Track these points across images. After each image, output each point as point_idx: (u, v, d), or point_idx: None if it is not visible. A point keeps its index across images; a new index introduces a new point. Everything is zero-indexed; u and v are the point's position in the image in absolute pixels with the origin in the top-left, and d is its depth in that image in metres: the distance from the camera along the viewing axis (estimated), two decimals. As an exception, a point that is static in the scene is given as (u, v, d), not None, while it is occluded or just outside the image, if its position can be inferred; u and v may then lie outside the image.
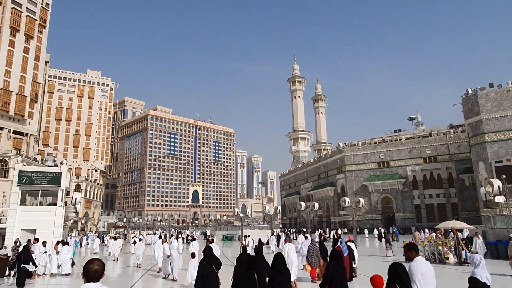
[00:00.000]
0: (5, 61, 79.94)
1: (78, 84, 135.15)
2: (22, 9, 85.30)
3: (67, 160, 40.13)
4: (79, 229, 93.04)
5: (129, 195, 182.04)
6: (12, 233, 23.06)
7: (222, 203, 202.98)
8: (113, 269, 22.90)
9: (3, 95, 78.47)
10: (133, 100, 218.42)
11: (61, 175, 25.25)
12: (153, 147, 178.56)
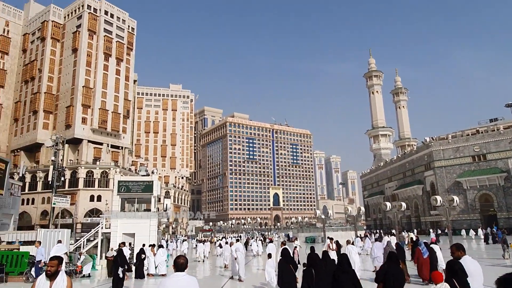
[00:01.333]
0: (102, 84, 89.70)
1: (162, 99, 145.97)
2: (113, 35, 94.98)
3: (157, 169, 43.71)
4: (170, 233, 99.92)
5: (214, 200, 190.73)
6: (115, 237, 25.66)
7: (302, 205, 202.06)
8: (203, 270, 24.13)
9: (102, 114, 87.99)
10: (212, 109, 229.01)
11: (153, 183, 27.43)
12: (233, 152, 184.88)
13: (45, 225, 66.08)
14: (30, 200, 78.44)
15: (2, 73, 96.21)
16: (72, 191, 74.84)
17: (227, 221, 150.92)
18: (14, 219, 50.31)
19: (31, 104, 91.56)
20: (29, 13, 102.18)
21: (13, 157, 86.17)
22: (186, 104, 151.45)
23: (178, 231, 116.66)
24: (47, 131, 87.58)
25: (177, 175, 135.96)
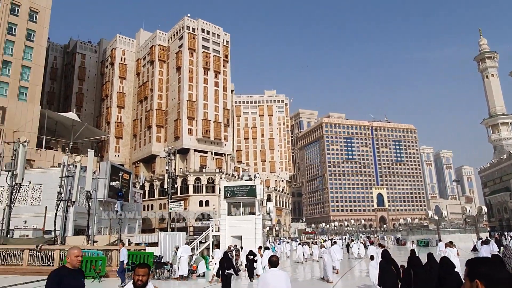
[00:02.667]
0: (203, 96, 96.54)
1: (258, 105, 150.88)
2: (210, 51, 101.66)
3: (258, 173, 45.40)
4: (274, 235, 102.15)
5: (314, 202, 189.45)
6: (224, 239, 27.19)
7: (410, 206, 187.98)
8: (303, 272, 24.02)
9: (205, 125, 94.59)
10: (307, 111, 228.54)
11: (256, 187, 28.41)
12: (331, 153, 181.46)
13: (163, 228, 73.36)
14: (150, 206, 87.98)
15: (122, 96, 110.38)
16: (183, 197, 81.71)
17: (329, 223, 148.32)
18: (138, 223, 57.02)
19: (146, 120, 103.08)
20: (140, 41, 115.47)
21: (134, 168, 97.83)
22: (281, 108, 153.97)
23: (281, 234, 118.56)
24: (159, 144, 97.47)
25: (277, 179, 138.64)
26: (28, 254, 19.97)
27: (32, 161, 55.56)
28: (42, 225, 30.79)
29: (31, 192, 39.60)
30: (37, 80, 72.60)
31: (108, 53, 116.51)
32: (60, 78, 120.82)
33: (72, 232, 35.87)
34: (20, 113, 67.32)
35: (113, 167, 44.76)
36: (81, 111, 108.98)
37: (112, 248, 20.79)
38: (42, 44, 75.14)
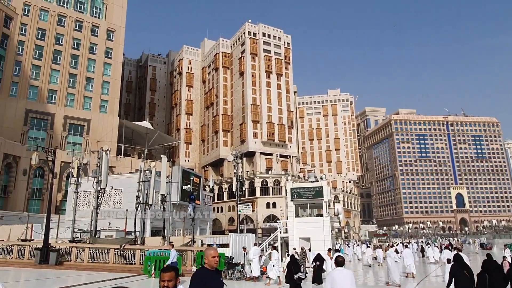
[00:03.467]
0: (266, 100, 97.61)
1: (322, 105, 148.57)
2: (271, 54, 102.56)
3: (324, 174, 44.75)
4: (343, 237, 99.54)
5: (385, 203, 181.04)
6: (293, 241, 27.15)
7: (496, 206, 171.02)
8: (373, 276, 22.99)
9: (269, 127, 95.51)
10: (373, 108, 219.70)
11: (322, 188, 27.98)
12: (402, 152, 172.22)
13: (233, 230, 75.35)
14: (219, 208, 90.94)
15: (190, 103, 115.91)
16: (251, 199, 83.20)
17: (402, 225, 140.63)
18: (209, 225, 59.22)
19: (213, 125, 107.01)
20: (205, 50, 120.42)
21: (204, 172, 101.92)
22: (346, 107, 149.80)
23: (350, 236, 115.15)
24: (226, 148, 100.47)
25: (344, 179, 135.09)
26: (113, 253, 21.80)
27: (113, 168, 60.55)
28: (124, 227, 33.37)
29: (113, 196, 43.17)
30: (115, 93, 79.12)
31: (176, 63, 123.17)
32: (135, 90, 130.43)
33: (150, 233, 38.36)
34: (102, 124, 73.82)
35: (184, 171, 47.06)
36: (153, 120, 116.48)
37: (187, 249, 21.86)
38: (119, 60, 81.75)
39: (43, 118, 69.18)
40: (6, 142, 59.62)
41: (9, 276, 18.80)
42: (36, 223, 37.99)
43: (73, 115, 71.88)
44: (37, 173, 64.06)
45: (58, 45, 73.21)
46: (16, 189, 60.98)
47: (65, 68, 73.00)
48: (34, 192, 63.99)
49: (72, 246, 23.36)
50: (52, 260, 21.87)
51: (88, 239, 26.08)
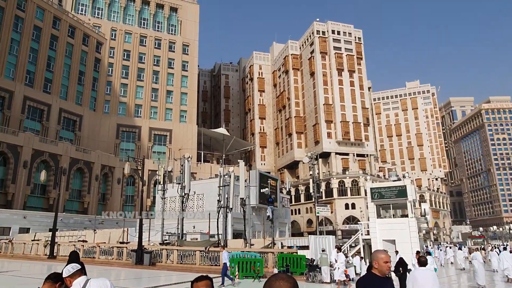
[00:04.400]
0: (339, 98, 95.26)
1: (400, 99, 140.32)
2: (342, 50, 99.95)
3: (407, 172, 41.94)
4: (432, 239, 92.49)
5: (479, 201, 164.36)
6: (376, 244, 25.99)
7: None
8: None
9: (343, 126, 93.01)
10: (459, 98, 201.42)
11: (406, 187, 26.39)
12: (496, 144, 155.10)
13: (311, 232, 74.60)
14: (297, 210, 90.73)
15: (263, 108, 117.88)
16: (328, 200, 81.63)
17: (502, 225, 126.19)
18: (288, 227, 59.41)
19: (286, 128, 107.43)
20: (274, 53, 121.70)
21: (280, 175, 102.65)
22: (427, 99, 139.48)
23: (441, 238, 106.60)
24: (301, 149, 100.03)
25: (429, 177, 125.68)
26: (199, 255, 23.01)
27: (194, 174, 63.96)
28: (207, 230, 35.03)
29: (196, 200, 45.60)
30: (192, 103, 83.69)
31: (247, 70, 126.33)
32: (210, 98, 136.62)
33: (231, 235, 39.71)
34: (182, 133, 78.54)
35: (261, 175, 47.92)
36: (229, 126, 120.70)
37: (268, 251, 22.19)
38: (194, 72, 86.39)
39: (132, 131, 75.78)
40: (102, 154, 66.51)
41: (111, 274, 20.87)
42: (130, 227, 41.70)
43: (157, 126, 77.63)
44: (129, 181, 70.29)
45: (141, 63, 79.82)
46: (113, 196, 67.58)
47: (148, 84, 79.25)
48: (127, 199, 70.27)
49: (162, 248, 25.17)
50: (146, 261, 23.79)
51: (175, 241, 27.88)
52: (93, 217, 55.19)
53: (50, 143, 59.07)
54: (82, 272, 3.76)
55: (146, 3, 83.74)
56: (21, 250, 32.38)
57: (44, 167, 55.05)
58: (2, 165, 52.83)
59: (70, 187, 60.15)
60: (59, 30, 67.56)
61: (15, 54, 60.35)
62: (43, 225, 47.31)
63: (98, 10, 79.29)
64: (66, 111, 66.77)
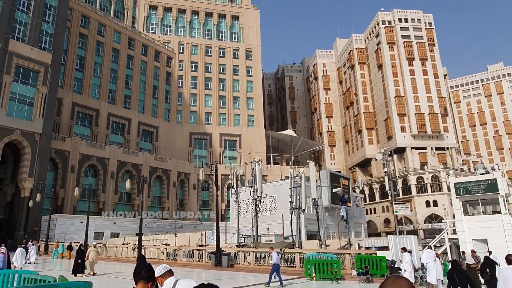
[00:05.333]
0: (411, 89, 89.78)
1: (482, 85, 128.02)
2: (411, 39, 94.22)
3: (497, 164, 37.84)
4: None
5: None
6: (464, 243, 23.89)
7: None
8: None
9: (418, 119, 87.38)
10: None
11: (496, 181, 23.93)
12: None
13: (390, 232, 71.01)
14: (372, 209, 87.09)
15: (329, 106, 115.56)
16: (407, 198, 77.13)
17: None
18: (364, 227, 57.30)
19: (355, 125, 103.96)
20: (338, 50, 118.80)
21: (351, 174, 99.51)
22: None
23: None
24: (372, 146, 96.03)
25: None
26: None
27: (265, 176, 64.74)
28: (281, 231, 35.16)
29: (268, 203, 46.09)
30: (259, 108, 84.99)
31: (311, 69, 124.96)
32: (275, 101, 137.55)
33: (305, 237, 39.39)
34: (251, 138, 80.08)
35: (332, 174, 46.94)
36: (296, 127, 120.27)
37: (344, 252, 21.59)
38: (258, 76, 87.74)
39: (203, 138, 79.19)
40: (178, 162, 70.43)
41: (193, 275, 21.93)
42: (207, 230, 43.49)
43: (226, 132, 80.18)
44: (204, 186, 73.45)
45: (207, 73, 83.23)
46: (190, 201, 71.13)
47: (216, 92, 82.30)
48: (203, 203, 73.43)
49: (239, 250, 25.81)
50: (224, 263, 24.59)
51: (251, 243, 28.42)
52: (174, 221, 58.61)
53: (132, 154, 64.13)
54: (171, 272, 4.00)
55: (209, 14, 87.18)
56: (113, 253, 35.49)
57: (128, 176, 59.89)
58: (93, 176, 58.58)
59: (151, 194, 64.65)
60: (134, 50, 73.28)
61: (99, 76, 66.73)
62: (130, 230, 51.39)
63: (166, 27, 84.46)
64: (144, 124, 72.02)
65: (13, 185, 49.53)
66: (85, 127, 63.49)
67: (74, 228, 47.15)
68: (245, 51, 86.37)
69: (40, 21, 51.64)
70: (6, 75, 46.63)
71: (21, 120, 47.83)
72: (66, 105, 60.18)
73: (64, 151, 54.72)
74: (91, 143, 59.57)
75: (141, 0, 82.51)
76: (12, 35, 48.35)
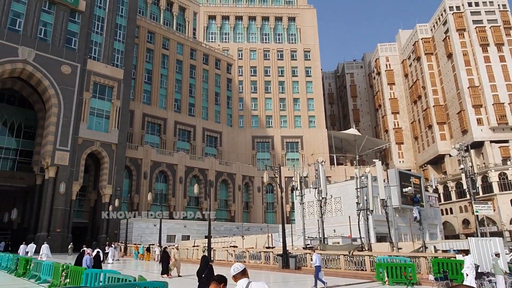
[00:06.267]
0: (487, 78, 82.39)
1: None
2: (483, 23, 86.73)
3: None
4: None
5: None
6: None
7: None
8: None
9: (497, 109, 79.88)
10: None
11: None
12: None
13: (470, 233, 65.53)
14: (448, 210, 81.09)
15: (395, 102, 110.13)
16: (488, 197, 70.74)
17: None
18: (439, 229, 53.54)
19: (424, 120, 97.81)
20: (401, 42, 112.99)
21: (422, 172, 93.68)
22: None
23: None
24: (445, 142, 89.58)
25: None
26: (343, 259, 22.56)
27: (329, 177, 63.48)
28: (349, 233, 34.18)
29: (333, 204, 45.09)
30: (320, 108, 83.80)
31: (373, 64, 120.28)
32: (336, 100, 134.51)
33: (375, 239, 37.84)
34: (313, 139, 79.19)
35: (400, 173, 44.64)
36: (359, 125, 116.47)
37: (419, 255, 20.37)
38: (318, 76, 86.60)
39: (265, 141, 79.99)
40: (242, 165, 71.92)
41: (261, 277, 22.15)
42: (273, 232, 43.71)
43: (288, 134, 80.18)
44: (268, 189, 74.06)
45: (266, 76, 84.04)
46: (255, 204, 72.16)
47: (275, 95, 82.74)
48: (268, 206, 74.02)
49: (306, 252, 25.56)
50: (292, 265, 24.50)
51: (318, 246, 27.98)
52: (240, 224, 59.86)
53: (198, 159, 66.80)
54: (243, 273, 4.07)
55: (266, 19, 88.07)
56: (185, 255, 37.16)
57: (195, 181, 62.48)
58: (164, 182, 62.01)
59: (218, 197, 66.70)
60: (196, 60, 76.52)
61: (165, 86, 70.68)
62: (200, 233, 53.44)
63: (225, 35, 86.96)
64: (208, 130, 74.71)
65: (95, 192, 54.20)
66: (154, 135, 67.55)
67: (149, 231, 50.23)
68: (303, 51, 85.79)
69: (112, 40, 56.16)
70: (86, 92, 51.34)
71: (100, 132, 52.24)
72: (137, 116, 64.62)
73: (137, 159, 58.72)
74: (161, 151, 63.16)
75: (201, 12, 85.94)
76: (89, 56, 53.18)
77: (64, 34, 50.70)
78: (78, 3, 52.10)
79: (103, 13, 56.27)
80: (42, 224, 45.22)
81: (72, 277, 13.32)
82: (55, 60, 48.78)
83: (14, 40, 46.02)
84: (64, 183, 46.68)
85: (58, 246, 43.60)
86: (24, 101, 53.41)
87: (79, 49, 51.65)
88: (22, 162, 52.24)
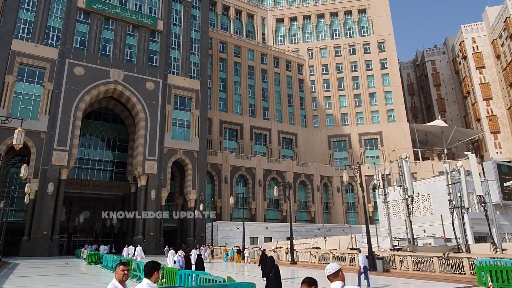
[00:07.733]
0: None
1: None
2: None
3: None
4: None
5: None
6: None
7: None
8: None
9: None
10: None
11: None
12: None
13: None
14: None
15: (486, 87, 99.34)
16: None
17: None
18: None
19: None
20: (489, 20, 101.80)
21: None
22: None
23: None
24: (553, 127, 78.36)
25: None
26: (437, 262, 20.90)
27: (414, 174, 59.51)
28: (441, 233, 31.60)
29: (421, 202, 42.09)
30: (399, 101, 79.14)
31: (457, 48, 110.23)
32: (417, 91, 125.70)
33: (472, 239, 34.45)
34: (393, 134, 75.07)
35: (499, 165, 40.13)
36: (445, 116, 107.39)
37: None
38: (395, 67, 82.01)
39: (342, 140, 77.92)
40: (319, 166, 70.94)
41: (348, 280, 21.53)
42: (356, 233, 42.24)
43: (365, 131, 77.08)
44: (348, 188, 71.93)
45: (339, 73, 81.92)
46: (335, 204, 70.59)
47: (349, 91, 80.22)
48: (349, 206, 71.85)
49: (394, 254, 24.22)
50: (379, 267, 23.40)
51: (407, 247, 26.34)
52: (321, 225, 58.95)
53: (275, 162, 67.47)
54: (336, 275, 3.98)
55: (335, 14, 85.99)
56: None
57: (274, 183, 63.19)
58: (243, 185, 63.78)
59: (297, 199, 66.58)
60: (266, 64, 77.63)
61: (239, 93, 72.87)
62: (281, 235, 53.82)
63: (294, 36, 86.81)
64: (283, 132, 75.12)
65: (181, 198, 57.80)
66: (232, 141, 69.91)
67: (232, 234, 52.00)
68: (376, 43, 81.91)
69: (188, 54, 59.65)
70: (168, 104, 55.18)
71: (182, 141, 55.66)
72: (215, 123, 67.55)
73: (217, 165, 61.30)
74: (239, 155, 65.13)
75: (268, 16, 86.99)
76: (169, 71, 57.12)
77: (146, 53, 55.21)
78: (156, 24, 56.38)
79: (179, 30, 60.06)
80: (138, 228, 49.47)
81: (167, 278, 14.33)
82: (140, 78, 53.32)
83: (105, 64, 51.34)
84: (154, 190, 50.55)
85: (152, 248, 47.31)
86: (116, 117, 59.25)
87: (160, 65, 55.76)
88: (118, 173, 57.91)
